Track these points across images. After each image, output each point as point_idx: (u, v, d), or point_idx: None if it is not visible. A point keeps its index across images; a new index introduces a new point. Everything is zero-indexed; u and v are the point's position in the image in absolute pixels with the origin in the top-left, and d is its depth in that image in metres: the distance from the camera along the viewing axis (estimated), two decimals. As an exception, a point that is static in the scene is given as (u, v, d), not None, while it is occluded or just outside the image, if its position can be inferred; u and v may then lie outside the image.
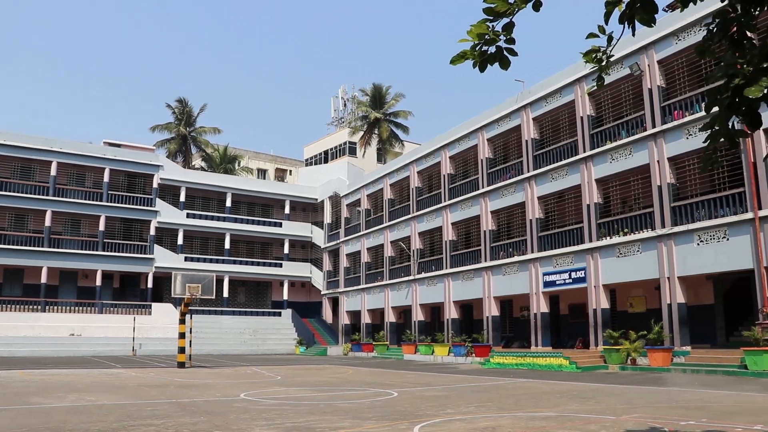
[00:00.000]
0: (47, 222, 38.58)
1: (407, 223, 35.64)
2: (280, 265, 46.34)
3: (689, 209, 20.61)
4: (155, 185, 42.56)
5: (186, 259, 42.40)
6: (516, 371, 20.92)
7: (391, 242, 37.23)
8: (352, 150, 53.25)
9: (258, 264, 45.72)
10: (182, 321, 23.71)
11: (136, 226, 42.26)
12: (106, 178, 40.70)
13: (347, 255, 42.44)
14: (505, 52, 4.07)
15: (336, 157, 54.06)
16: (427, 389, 14.45)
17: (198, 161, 56.26)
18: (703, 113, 18.75)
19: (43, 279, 38.05)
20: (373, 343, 35.97)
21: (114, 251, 40.43)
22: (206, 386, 15.35)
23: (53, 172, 39.14)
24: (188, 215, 43.55)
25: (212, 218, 44.51)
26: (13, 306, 37.26)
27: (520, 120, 27.74)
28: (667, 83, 21.92)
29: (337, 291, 43.12)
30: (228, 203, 45.22)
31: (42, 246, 38.33)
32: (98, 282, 39.53)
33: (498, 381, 16.77)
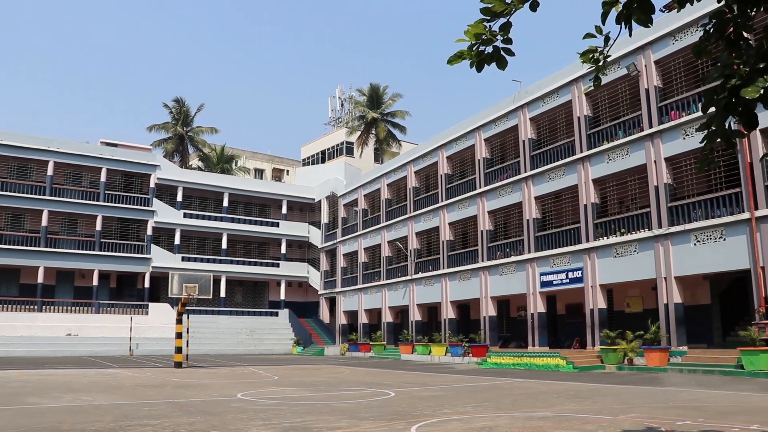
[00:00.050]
0: (44, 222, 38.52)
1: (404, 223, 35.64)
2: (278, 265, 46.31)
3: (686, 209, 20.66)
4: (152, 185, 42.49)
5: (183, 259, 42.36)
6: (513, 371, 20.93)
7: (389, 242, 37.21)
8: (350, 150, 53.20)
9: (255, 264, 45.70)
10: (179, 321, 23.71)
11: (133, 226, 42.18)
12: (103, 178, 40.64)
13: (344, 255, 42.42)
14: (502, 52, 4.08)
15: (333, 157, 54.01)
16: (424, 389, 14.45)
17: (195, 161, 56.19)
18: (700, 113, 18.73)
19: (40, 279, 37.98)
20: (370, 343, 35.98)
21: (111, 251, 40.37)
22: (203, 386, 15.34)
23: (50, 172, 39.06)
24: (185, 215, 43.49)
25: (209, 218, 44.48)
26: (10, 306, 37.17)
27: (517, 120, 27.76)
28: (664, 83, 21.96)
29: (334, 291, 43.10)
30: (225, 203, 45.18)
31: (39, 246, 38.26)
32: (95, 282, 39.47)
33: (495, 381, 16.78)
